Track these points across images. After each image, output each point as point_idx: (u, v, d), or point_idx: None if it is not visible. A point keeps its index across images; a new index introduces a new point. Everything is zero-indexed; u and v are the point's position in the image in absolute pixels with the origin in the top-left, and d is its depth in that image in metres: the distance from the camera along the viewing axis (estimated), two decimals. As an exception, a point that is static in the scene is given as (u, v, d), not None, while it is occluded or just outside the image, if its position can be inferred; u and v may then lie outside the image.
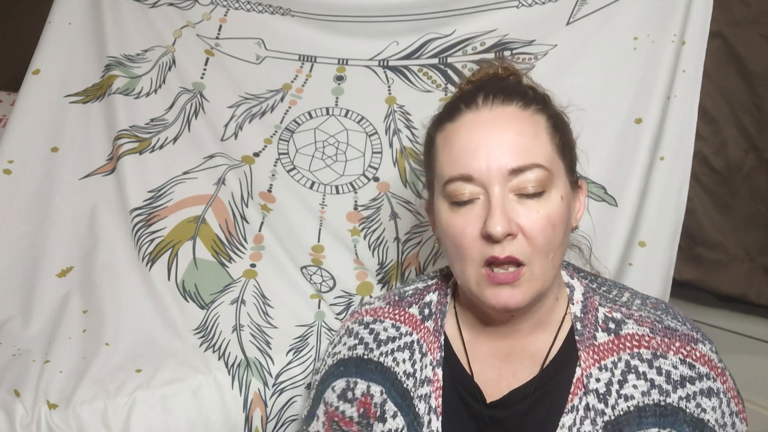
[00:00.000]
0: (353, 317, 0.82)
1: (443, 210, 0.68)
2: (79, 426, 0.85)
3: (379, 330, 0.78)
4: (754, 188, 1.23)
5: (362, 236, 1.19)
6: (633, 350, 0.67)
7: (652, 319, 0.69)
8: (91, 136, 1.21)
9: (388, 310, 0.80)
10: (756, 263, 1.24)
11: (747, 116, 1.23)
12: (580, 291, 0.73)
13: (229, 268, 1.09)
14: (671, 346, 0.67)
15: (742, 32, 1.21)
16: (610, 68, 1.16)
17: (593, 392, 0.67)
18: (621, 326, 0.69)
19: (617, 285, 0.76)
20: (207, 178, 1.18)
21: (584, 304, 0.72)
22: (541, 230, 0.64)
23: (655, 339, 0.67)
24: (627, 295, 0.74)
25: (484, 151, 0.65)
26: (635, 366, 0.67)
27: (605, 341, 0.69)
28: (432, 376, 0.73)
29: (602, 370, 0.67)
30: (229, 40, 1.34)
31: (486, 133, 0.66)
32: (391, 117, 1.28)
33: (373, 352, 0.77)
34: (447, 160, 0.68)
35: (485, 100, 0.68)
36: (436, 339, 0.75)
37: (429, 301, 0.79)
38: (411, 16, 1.29)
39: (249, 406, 0.93)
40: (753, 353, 1.29)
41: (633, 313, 0.70)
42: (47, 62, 1.23)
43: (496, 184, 0.64)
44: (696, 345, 0.67)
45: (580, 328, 0.70)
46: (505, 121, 0.66)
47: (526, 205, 0.64)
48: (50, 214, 1.13)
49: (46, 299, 1.04)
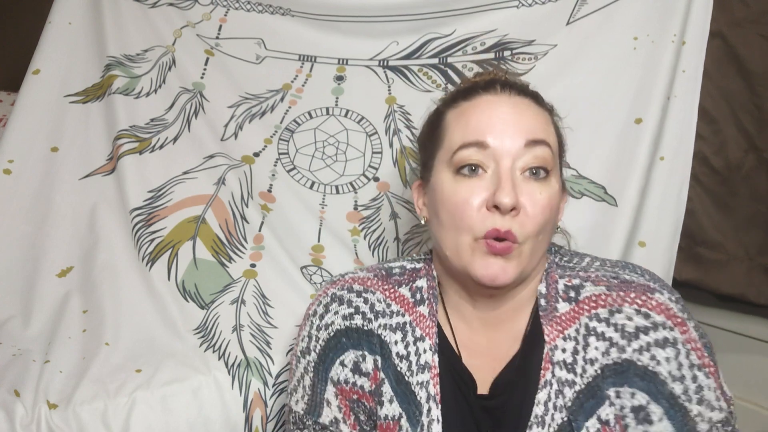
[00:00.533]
0: (337, 284, 0.77)
1: (445, 180, 0.69)
2: (79, 426, 0.85)
3: (372, 300, 0.75)
4: (754, 188, 1.23)
5: (362, 236, 1.19)
6: (591, 312, 0.68)
7: (608, 276, 0.70)
8: (91, 136, 1.21)
9: (376, 282, 0.77)
10: (756, 263, 1.24)
11: (747, 116, 1.23)
12: (543, 268, 0.74)
13: (229, 268, 1.09)
14: (626, 298, 0.67)
15: (742, 32, 1.21)
16: (610, 68, 1.16)
17: (560, 364, 0.68)
18: (579, 291, 0.70)
19: (579, 253, 0.77)
20: (207, 178, 1.18)
21: (546, 281, 0.73)
22: (541, 211, 0.66)
23: (611, 295, 0.68)
24: (587, 260, 0.75)
25: (501, 125, 0.68)
26: (593, 327, 0.67)
27: (566, 311, 0.70)
28: (431, 363, 0.72)
29: (566, 339, 0.68)
30: (229, 40, 1.34)
31: (505, 112, 0.69)
32: (391, 117, 1.28)
33: (372, 323, 0.74)
34: (461, 129, 0.70)
35: (503, 88, 0.71)
36: (432, 323, 0.74)
37: (420, 286, 0.77)
38: (411, 16, 1.29)
39: (249, 406, 0.93)
40: (753, 353, 1.29)
41: (590, 275, 0.71)
42: (47, 62, 1.23)
43: (509, 156, 0.66)
44: (652, 294, 0.66)
45: (544, 304, 0.71)
46: (524, 106, 0.70)
47: (531, 185, 0.67)
48: (50, 214, 1.13)
49: (46, 299, 1.04)
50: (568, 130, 1.14)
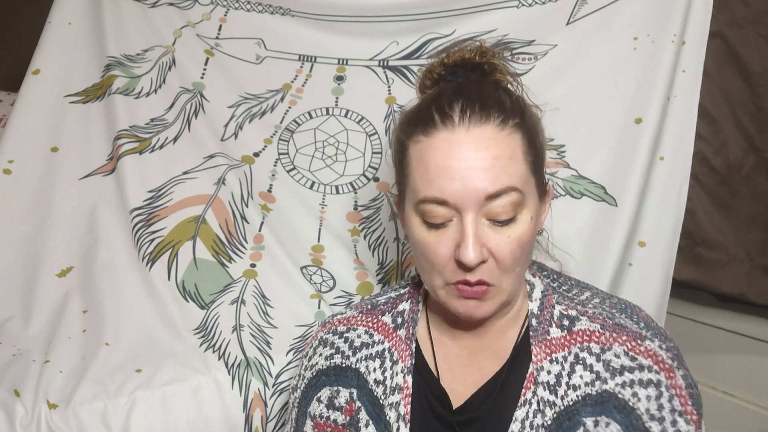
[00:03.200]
0: (325, 327, 0.82)
1: (415, 224, 0.68)
2: (79, 426, 0.85)
3: (353, 338, 0.79)
4: (754, 188, 1.23)
5: (362, 236, 1.19)
6: (583, 344, 0.69)
7: (604, 316, 0.70)
8: (91, 136, 1.21)
9: (360, 318, 0.80)
10: (756, 263, 1.24)
11: (747, 116, 1.23)
12: (539, 289, 0.74)
13: (229, 268, 1.09)
14: (617, 339, 0.68)
15: (742, 32, 1.21)
16: (610, 68, 1.16)
17: (543, 384, 0.68)
18: (574, 323, 0.70)
19: (579, 284, 0.77)
20: (207, 178, 1.18)
21: (541, 302, 0.73)
22: (510, 253, 0.65)
23: (604, 334, 0.68)
24: (587, 294, 0.75)
25: (460, 176, 0.63)
26: (583, 358, 0.68)
27: (558, 336, 0.70)
28: (402, 384, 0.74)
29: (553, 362, 0.69)
30: (229, 40, 1.34)
31: (462, 157, 0.64)
32: (391, 117, 1.28)
33: (350, 359, 0.77)
34: (422, 178, 0.66)
35: (462, 117, 0.65)
36: (407, 347, 0.76)
37: (402, 309, 0.79)
38: (411, 16, 1.29)
39: (249, 406, 0.93)
40: (753, 353, 1.29)
41: (587, 310, 0.71)
42: (47, 62, 1.23)
43: (471, 210, 0.64)
44: (642, 341, 0.67)
45: (535, 324, 0.72)
46: (483, 144, 0.64)
47: (498, 230, 0.65)
48: (50, 214, 1.13)
49: (46, 299, 1.04)
50: (568, 130, 1.15)
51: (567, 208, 1.11)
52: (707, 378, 1.35)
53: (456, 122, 0.65)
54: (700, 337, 1.35)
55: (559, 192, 1.13)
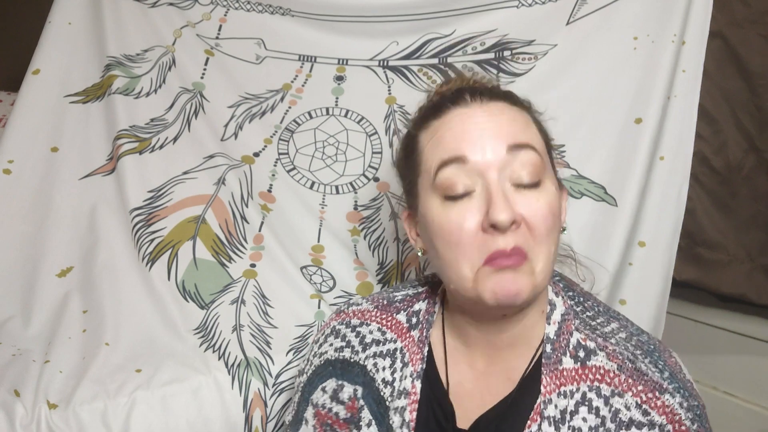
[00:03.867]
0: (339, 317, 0.79)
1: (434, 207, 0.64)
2: (79, 426, 0.85)
3: (364, 333, 0.76)
4: (754, 188, 1.23)
5: (362, 236, 1.19)
6: (593, 383, 0.63)
7: (624, 356, 0.64)
8: (91, 136, 1.21)
9: (375, 313, 0.77)
10: (756, 263, 1.24)
11: (747, 116, 1.23)
12: (560, 311, 0.69)
13: (229, 268, 1.09)
14: (632, 387, 0.62)
15: (742, 32, 1.21)
16: (610, 68, 1.16)
17: (548, 419, 0.63)
18: (590, 356, 0.65)
19: (609, 312, 0.71)
20: (207, 178, 1.18)
21: (560, 326, 0.67)
22: (543, 219, 0.61)
23: (619, 377, 0.63)
24: (613, 325, 0.69)
25: (478, 135, 0.62)
26: (590, 399, 0.63)
27: (570, 368, 0.65)
28: (410, 389, 0.70)
29: (560, 396, 0.64)
30: (229, 40, 1.34)
31: (478, 122, 0.64)
32: (391, 117, 1.28)
33: (358, 355, 0.75)
34: (437, 149, 0.65)
35: (473, 97, 0.66)
36: (419, 350, 0.73)
37: (418, 309, 0.76)
38: (411, 16, 1.29)
39: (249, 406, 0.93)
40: (753, 353, 1.29)
41: (608, 345, 0.65)
42: (47, 62, 1.23)
43: (493, 169, 0.61)
44: (662, 395, 0.61)
45: (549, 351, 0.66)
46: (498, 110, 0.65)
47: (525, 195, 0.62)
48: (50, 214, 1.13)
49: (46, 299, 1.04)
50: (568, 130, 1.15)
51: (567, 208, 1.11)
52: (708, 378, 1.35)
53: (468, 101, 0.66)
54: (700, 337, 1.35)
55: (559, 192, 1.13)
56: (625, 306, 1.10)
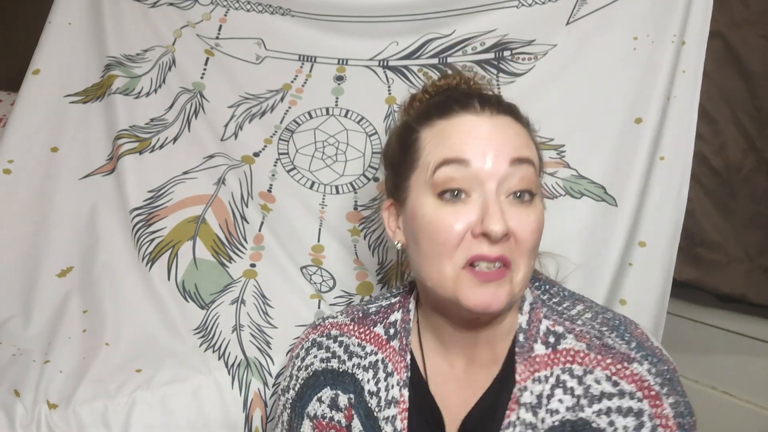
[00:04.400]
0: (317, 330, 0.79)
1: (426, 204, 0.66)
2: (79, 426, 0.85)
3: (348, 343, 0.77)
4: (754, 189, 1.23)
5: (362, 236, 1.19)
6: (566, 365, 0.65)
7: (592, 335, 0.66)
8: (91, 136, 1.21)
9: (353, 327, 0.78)
10: (755, 264, 1.24)
11: (747, 117, 1.23)
12: (528, 301, 0.71)
13: (229, 268, 1.09)
14: (601, 362, 0.64)
15: (742, 32, 1.21)
16: (609, 68, 1.16)
17: (525, 405, 0.65)
18: (560, 340, 0.67)
19: (573, 296, 0.74)
20: (207, 178, 1.18)
21: (530, 315, 0.70)
22: (531, 234, 0.64)
23: (589, 355, 0.65)
24: (579, 307, 0.71)
25: (484, 144, 0.64)
26: (564, 381, 0.65)
27: (542, 354, 0.67)
28: (399, 397, 0.71)
29: (535, 382, 0.66)
30: (229, 40, 1.34)
31: (487, 131, 0.65)
32: (391, 117, 1.28)
33: (346, 364, 0.75)
34: (440, 146, 0.66)
35: (482, 107, 0.67)
36: (402, 359, 0.73)
37: (394, 320, 0.77)
38: (411, 16, 1.29)
39: (249, 406, 0.93)
40: (753, 353, 1.29)
41: (575, 327, 0.68)
42: (47, 62, 1.23)
43: (494, 180, 0.63)
44: (630, 364, 0.63)
45: (522, 340, 0.69)
46: (505, 127, 0.67)
47: (518, 209, 0.64)
48: (50, 214, 1.13)
49: (46, 299, 1.04)
50: (568, 130, 1.15)
51: (567, 208, 1.11)
52: (707, 378, 1.35)
53: (477, 109, 0.67)
54: (700, 337, 1.35)
55: (559, 192, 1.13)
56: (625, 306, 1.10)
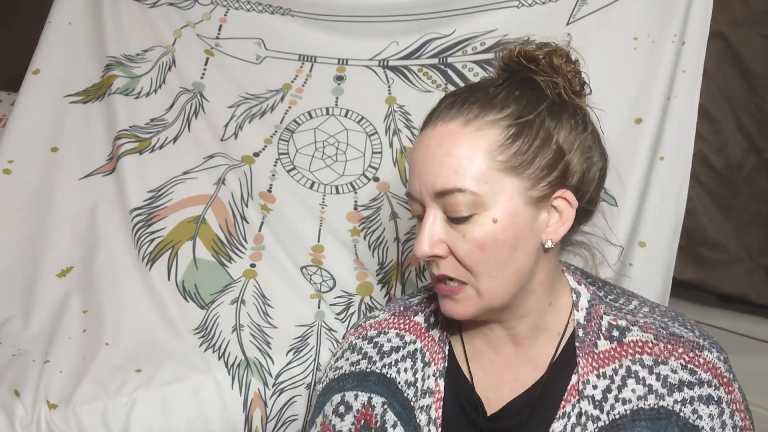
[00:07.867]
0: (357, 332, 0.81)
1: None
2: (79, 426, 0.85)
3: (382, 342, 0.78)
4: (755, 188, 1.23)
5: (362, 236, 1.19)
6: (635, 356, 0.67)
7: (657, 325, 0.68)
8: (91, 136, 1.21)
9: (392, 320, 0.79)
10: (756, 263, 1.24)
11: (747, 116, 1.23)
12: (585, 298, 0.72)
13: (229, 268, 1.09)
14: (674, 352, 0.65)
15: (742, 32, 1.21)
16: (610, 68, 1.16)
17: (588, 398, 0.66)
18: (625, 333, 0.68)
19: (626, 293, 0.75)
20: (207, 178, 1.18)
21: (588, 312, 0.71)
22: (466, 253, 0.64)
23: (658, 345, 0.66)
24: (635, 303, 0.73)
25: (418, 171, 0.67)
26: (636, 371, 0.66)
27: (606, 349, 0.68)
28: (434, 387, 0.72)
29: (600, 377, 0.67)
30: (229, 40, 1.34)
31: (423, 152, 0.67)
32: (391, 117, 1.28)
33: (376, 365, 0.77)
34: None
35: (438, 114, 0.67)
36: (440, 349, 0.75)
37: (435, 308, 0.78)
38: (411, 16, 1.29)
39: (249, 406, 0.93)
40: (753, 353, 1.29)
41: (638, 320, 0.69)
42: (47, 62, 1.23)
43: (429, 204, 0.66)
44: (701, 352, 0.65)
45: (581, 335, 0.69)
46: (439, 141, 0.65)
47: (455, 227, 0.64)
48: (50, 214, 1.13)
49: (46, 299, 1.04)
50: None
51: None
52: (707, 378, 1.35)
53: (432, 119, 0.68)
54: (700, 337, 1.35)
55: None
56: (625, 306, 1.10)
